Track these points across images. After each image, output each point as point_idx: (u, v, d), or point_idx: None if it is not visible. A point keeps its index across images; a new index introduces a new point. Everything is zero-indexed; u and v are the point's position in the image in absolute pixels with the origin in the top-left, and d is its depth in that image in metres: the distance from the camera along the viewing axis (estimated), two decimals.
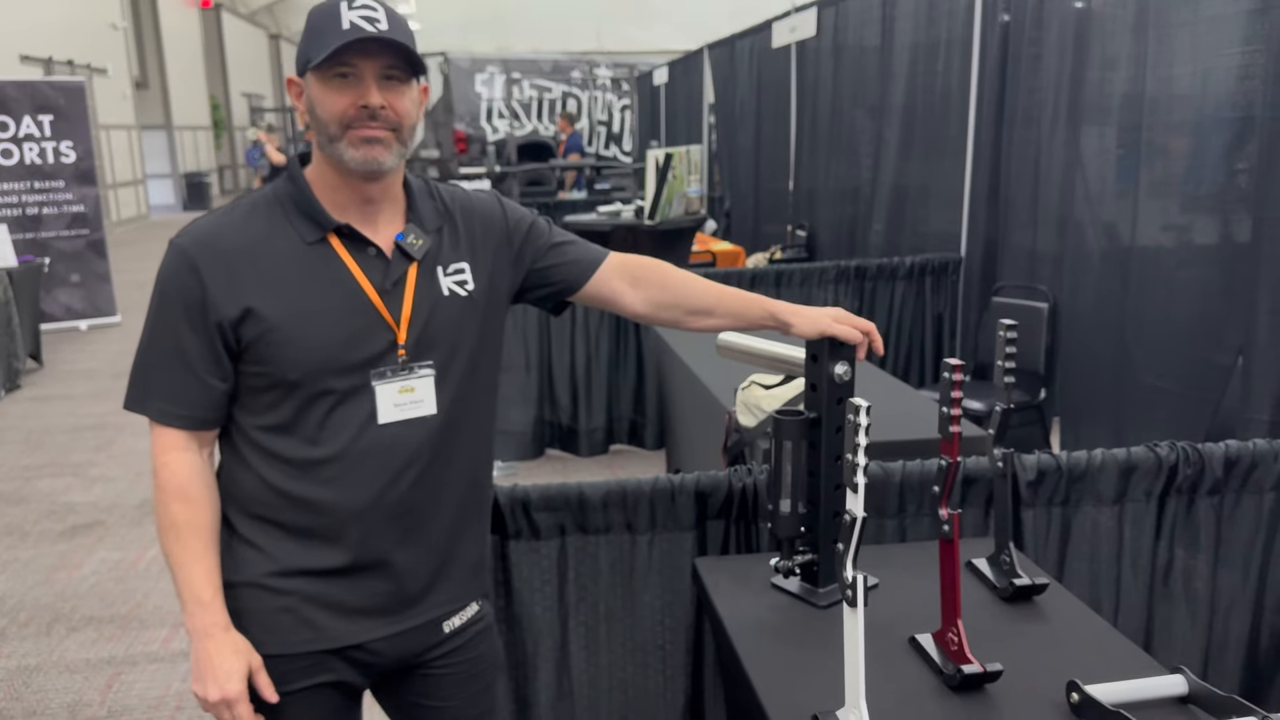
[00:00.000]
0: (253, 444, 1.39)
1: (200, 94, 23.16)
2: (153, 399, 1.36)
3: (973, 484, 2.03)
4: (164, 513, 1.37)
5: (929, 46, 5.37)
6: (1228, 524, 2.10)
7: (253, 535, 1.40)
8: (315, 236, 1.37)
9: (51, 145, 8.41)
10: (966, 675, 1.41)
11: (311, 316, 1.34)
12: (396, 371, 1.39)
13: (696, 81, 10.87)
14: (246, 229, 1.36)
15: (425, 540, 1.46)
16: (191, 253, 1.33)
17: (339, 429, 1.37)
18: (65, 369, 7.27)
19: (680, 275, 1.65)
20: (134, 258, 12.80)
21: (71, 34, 15.64)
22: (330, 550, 1.40)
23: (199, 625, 1.36)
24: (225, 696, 1.35)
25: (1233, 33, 3.26)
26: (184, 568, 1.36)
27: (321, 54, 1.29)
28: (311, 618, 1.41)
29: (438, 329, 1.42)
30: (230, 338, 1.33)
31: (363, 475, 1.39)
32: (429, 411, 1.42)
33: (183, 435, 1.37)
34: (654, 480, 1.96)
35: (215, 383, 1.35)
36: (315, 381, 1.35)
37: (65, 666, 3.16)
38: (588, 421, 4.91)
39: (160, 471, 1.37)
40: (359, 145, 1.33)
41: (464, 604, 1.55)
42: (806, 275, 4.99)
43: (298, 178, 1.40)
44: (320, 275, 1.36)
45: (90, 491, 4.74)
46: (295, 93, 1.39)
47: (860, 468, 1.27)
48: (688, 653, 2.02)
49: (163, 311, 1.35)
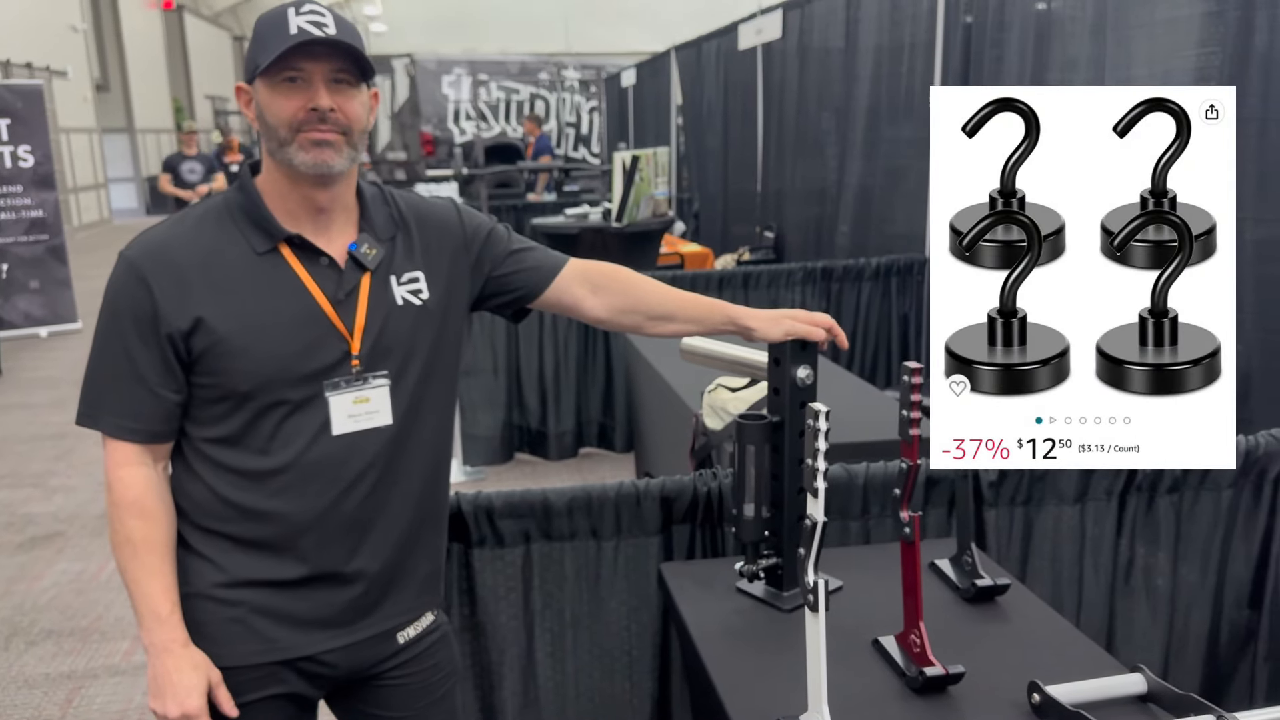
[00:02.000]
0: (202, 456, 1.37)
1: (163, 96, 22.87)
2: (105, 413, 1.34)
3: (935, 485, 2.04)
4: (119, 528, 1.34)
5: (893, 48, 5.40)
6: (1187, 521, 2.13)
7: (203, 546, 1.39)
8: (266, 246, 1.35)
9: (9, 149, 8.25)
10: (929, 677, 1.41)
11: (263, 328, 1.33)
12: (350, 382, 1.38)
13: (664, 83, 10.87)
14: (197, 239, 1.34)
15: (378, 551, 1.44)
16: (140, 264, 1.31)
17: (290, 439, 1.35)
18: (24, 377, 7.15)
19: (641, 281, 1.65)
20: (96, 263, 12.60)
21: (30, 36, 15.38)
22: (282, 561, 1.38)
23: (157, 641, 1.34)
24: (185, 712, 1.33)
25: (1189, 35, 3.31)
26: (140, 583, 1.34)
27: (269, 58, 1.28)
28: (262, 629, 1.39)
29: (391, 339, 1.41)
30: (181, 349, 1.32)
31: (315, 486, 1.37)
32: (384, 422, 1.40)
33: (136, 449, 1.35)
34: (619, 485, 1.95)
35: (168, 395, 1.33)
36: (267, 392, 1.33)
37: (24, 681, 3.10)
38: (557, 425, 4.89)
39: (115, 486, 1.35)
40: (309, 148, 1.32)
41: (418, 614, 1.53)
42: (774, 277, 5.00)
43: (248, 187, 1.38)
44: (272, 286, 1.35)
45: (50, 502, 4.66)
46: (244, 100, 1.38)
47: (820, 472, 1.27)
48: (654, 658, 2.02)
49: (112, 324, 1.33)
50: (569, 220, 6.58)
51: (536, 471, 4.81)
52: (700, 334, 1.71)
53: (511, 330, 4.71)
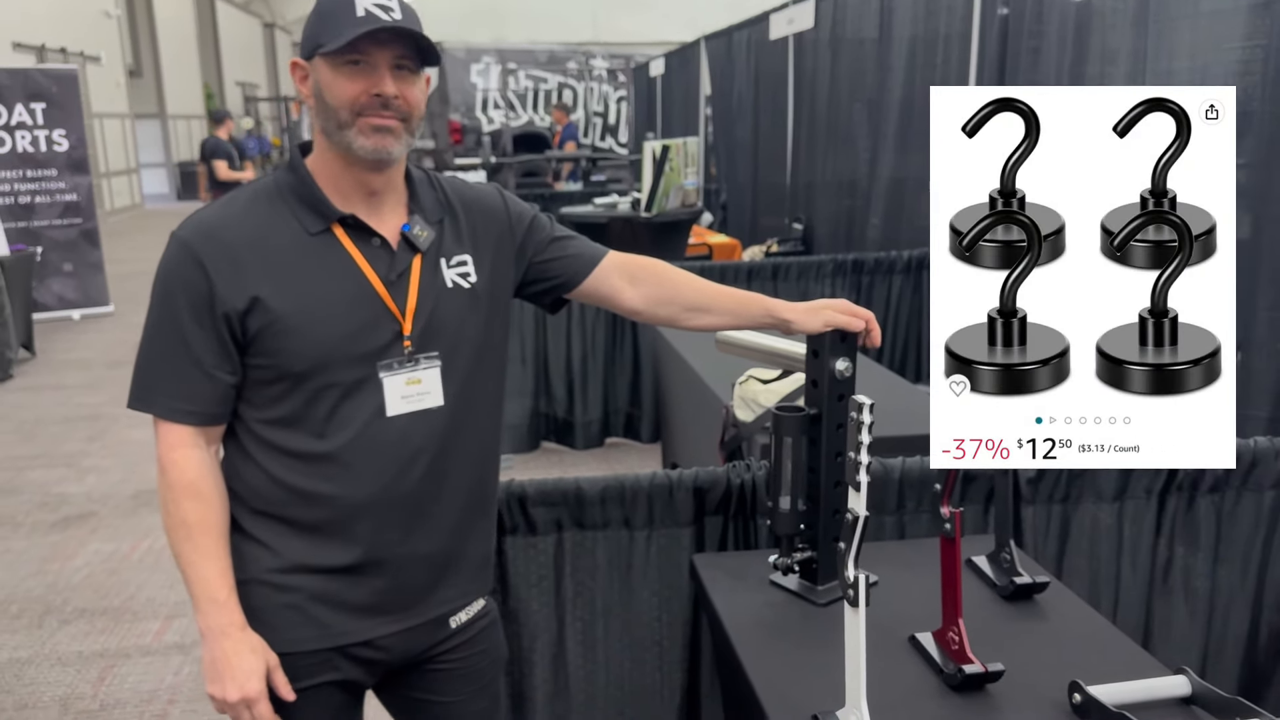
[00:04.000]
0: (258, 439, 1.36)
1: (194, 83, 23.04)
2: (158, 396, 1.34)
3: (972, 481, 2.01)
4: (174, 511, 1.34)
5: (927, 39, 5.34)
6: (1228, 522, 2.09)
7: (258, 531, 1.38)
8: (319, 227, 1.35)
9: (44, 134, 8.35)
10: (968, 675, 1.39)
11: (318, 307, 1.32)
12: (403, 363, 1.37)
13: (693, 73, 10.82)
14: (248, 220, 1.33)
15: (432, 535, 1.44)
16: (194, 245, 1.30)
17: (346, 422, 1.35)
18: (58, 359, 7.24)
19: (678, 273, 1.64)
20: (128, 247, 12.74)
21: (65, 22, 15.53)
22: (337, 546, 1.38)
23: (214, 624, 1.33)
24: (245, 696, 1.33)
25: (1234, 28, 3.25)
26: (196, 566, 1.33)
27: (336, 40, 1.27)
28: (318, 615, 1.39)
29: (442, 321, 1.40)
30: (237, 329, 1.31)
31: (370, 469, 1.36)
32: (436, 403, 1.40)
33: (191, 431, 1.34)
34: (652, 475, 1.94)
35: (223, 376, 1.32)
36: (322, 373, 1.33)
37: (57, 659, 3.14)
38: (584, 414, 4.89)
39: (169, 469, 1.34)
40: (370, 134, 1.31)
41: (471, 600, 1.53)
42: (804, 269, 4.97)
43: (299, 167, 1.37)
44: (326, 266, 1.34)
45: (83, 482, 4.72)
46: (300, 76, 1.36)
47: (863, 466, 1.25)
48: (684, 649, 2.01)
49: (166, 306, 1.32)
50: (598, 210, 6.56)
51: (563, 460, 4.81)
52: (737, 327, 1.70)
53: (540, 319, 4.71)
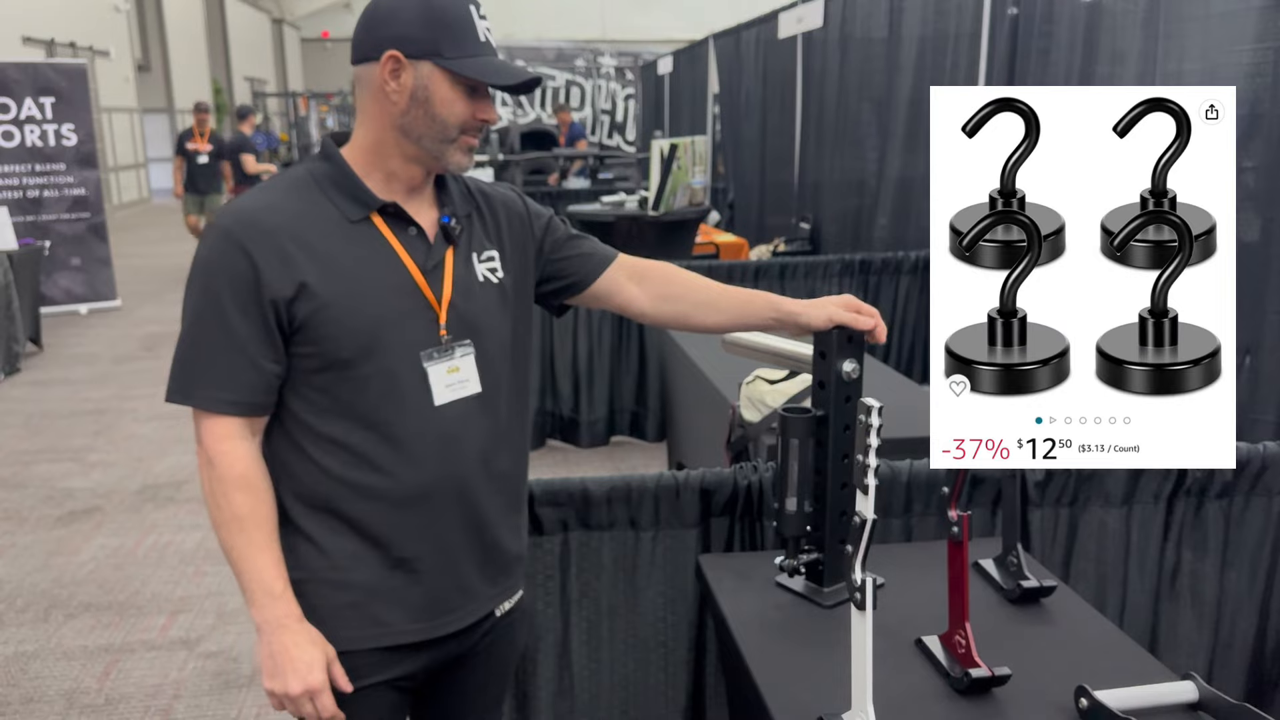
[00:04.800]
0: (309, 430, 1.35)
1: (203, 77, 23.08)
2: (202, 388, 1.31)
3: (980, 484, 2.01)
4: (224, 504, 1.32)
5: (937, 39, 5.33)
6: (1236, 527, 2.08)
7: (311, 528, 1.37)
8: (360, 215, 1.35)
9: (53, 128, 8.37)
10: (974, 679, 1.39)
11: (362, 293, 1.32)
12: (441, 352, 1.38)
13: (701, 71, 10.82)
14: (289, 208, 1.33)
15: (481, 528, 1.44)
16: (238, 233, 1.29)
17: (396, 411, 1.35)
18: (65, 353, 7.26)
19: (683, 272, 1.65)
20: (135, 242, 12.77)
21: (74, 16, 15.57)
22: (391, 539, 1.37)
23: (270, 617, 1.32)
24: (309, 687, 1.31)
25: (1245, 29, 3.23)
26: (249, 560, 1.32)
27: (467, 65, 1.31)
28: (377, 613, 1.39)
29: (474, 313, 1.42)
30: (284, 316, 1.30)
31: (421, 457, 1.36)
32: (475, 390, 1.41)
33: (237, 423, 1.32)
34: (659, 476, 1.94)
35: (268, 365, 1.31)
36: (367, 360, 1.33)
37: (62, 653, 3.15)
38: (589, 412, 4.89)
39: (219, 462, 1.32)
40: (465, 154, 1.37)
41: (514, 592, 1.55)
42: (811, 269, 4.97)
43: (335, 157, 1.38)
44: (367, 253, 1.35)
45: (89, 477, 4.73)
46: (391, 69, 1.32)
47: (871, 469, 1.25)
48: (690, 650, 2.01)
49: (208, 296, 1.30)
50: (605, 208, 6.56)
51: (568, 459, 4.82)
52: (744, 325, 1.69)
53: (546, 316, 4.71)
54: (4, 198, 8.23)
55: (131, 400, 6.04)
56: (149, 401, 6.00)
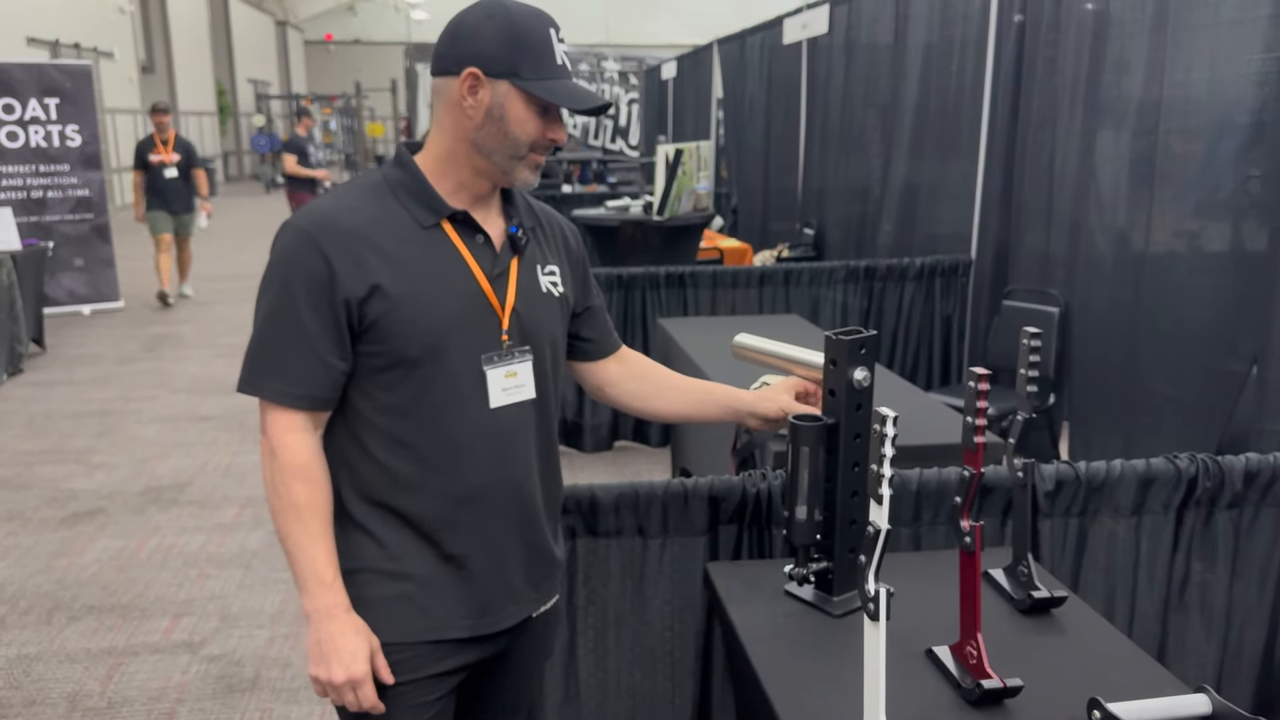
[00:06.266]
0: (371, 427, 1.39)
1: (206, 79, 23.11)
2: (270, 380, 1.36)
3: (990, 493, 2.00)
4: (284, 493, 1.36)
5: (943, 46, 5.33)
6: (1246, 538, 2.08)
7: (368, 521, 1.41)
8: (431, 221, 1.40)
9: (57, 128, 8.38)
10: (986, 690, 1.38)
11: (431, 296, 1.37)
12: (502, 356, 1.43)
13: (705, 76, 10.82)
14: (362, 211, 1.38)
15: (530, 528, 1.49)
16: (314, 233, 1.34)
17: (456, 412, 1.40)
18: (68, 354, 7.25)
19: (658, 367, 1.75)
20: (138, 243, 12.76)
21: (78, 17, 15.59)
22: (444, 537, 1.42)
23: (320, 606, 1.35)
24: (352, 677, 1.35)
25: (1254, 38, 3.23)
26: (304, 548, 1.36)
27: (550, 95, 1.34)
28: (428, 606, 1.42)
29: (535, 321, 1.47)
30: (355, 316, 1.35)
31: (478, 458, 1.41)
32: (530, 395, 1.46)
33: (301, 416, 1.37)
34: (666, 484, 1.93)
35: (335, 362, 1.36)
36: (432, 361, 1.37)
37: (65, 656, 3.14)
38: (593, 417, 4.89)
39: (281, 451, 1.36)
40: (533, 170, 1.42)
41: (553, 595, 1.59)
42: (815, 275, 4.96)
43: (409, 165, 1.42)
44: (437, 258, 1.39)
45: (92, 478, 4.72)
46: (470, 86, 1.35)
47: (885, 479, 1.24)
48: (697, 659, 2.00)
49: (283, 293, 1.34)
50: (609, 213, 6.56)
51: (572, 464, 4.81)
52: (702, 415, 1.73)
53: None
54: (8, 198, 8.24)
55: (135, 402, 6.04)
56: (152, 403, 6.00)
